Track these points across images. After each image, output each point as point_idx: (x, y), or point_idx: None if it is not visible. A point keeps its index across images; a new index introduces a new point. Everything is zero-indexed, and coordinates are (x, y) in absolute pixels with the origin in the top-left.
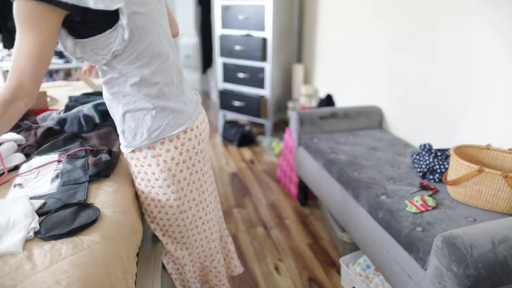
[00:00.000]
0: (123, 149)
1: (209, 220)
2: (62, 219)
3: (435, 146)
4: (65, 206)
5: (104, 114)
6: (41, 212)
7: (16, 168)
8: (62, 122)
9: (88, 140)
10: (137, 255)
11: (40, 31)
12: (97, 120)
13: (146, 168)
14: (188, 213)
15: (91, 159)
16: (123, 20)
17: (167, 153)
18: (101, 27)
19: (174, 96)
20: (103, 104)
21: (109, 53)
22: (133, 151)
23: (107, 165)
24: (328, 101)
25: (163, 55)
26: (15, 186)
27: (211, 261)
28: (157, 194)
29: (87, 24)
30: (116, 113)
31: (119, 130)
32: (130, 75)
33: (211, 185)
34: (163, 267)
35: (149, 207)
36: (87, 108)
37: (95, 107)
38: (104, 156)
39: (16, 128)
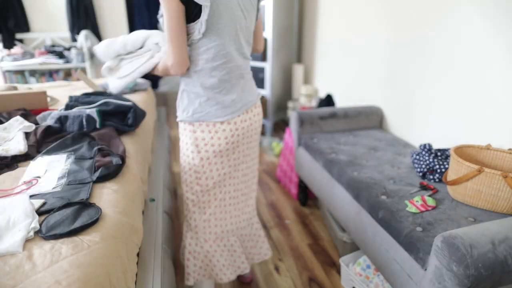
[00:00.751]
0: (177, 114)
1: (224, 200)
2: (63, 218)
3: (435, 146)
4: (67, 205)
5: (106, 115)
6: (42, 211)
7: (16, 166)
8: (63, 120)
9: (96, 140)
10: (137, 255)
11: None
12: (97, 125)
13: (183, 138)
14: (205, 185)
15: (101, 161)
16: (203, 16)
17: (201, 133)
18: (188, 19)
19: (226, 92)
20: (106, 104)
21: (188, 41)
22: (180, 121)
23: (117, 169)
24: (328, 101)
25: (227, 57)
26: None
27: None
28: (184, 161)
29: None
30: (180, 88)
31: (178, 100)
32: (195, 64)
33: (242, 172)
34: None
35: (181, 166)
36: (90, 111)
37: (99, 112)
38: (116, 160)
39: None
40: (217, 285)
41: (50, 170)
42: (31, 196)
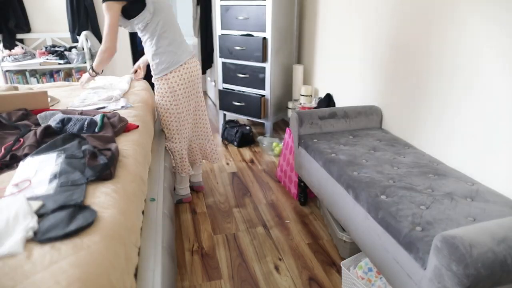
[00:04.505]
0: (153, 77)
1: (186, 123)
2: (58, 221)
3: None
4: (61, 207)
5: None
6: (39, 214)
7: (15, 166)
8: (66, 121)
9: (87, 140)
10: (138, 255)
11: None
12: (97, 129)
13: (160, 91)
14: (179, 116)
15: (89, 161)
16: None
17: (173, 78)
18: (133, 14)
19: (177, 46)
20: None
21: (143, 24)
22: (158, 78)
23: (103, 169)
24: (328, 101)
25: (169, 24)
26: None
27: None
28: (165, 103)
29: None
30: (149, 56)
31: (152, 65)
32: (154, 35)
33: (198, 103)
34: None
35: (161, 112)
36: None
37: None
38: (102, 158)
39: (15, 129)
40: (217, 280)
41: (41, 171)
42: (29, 198)
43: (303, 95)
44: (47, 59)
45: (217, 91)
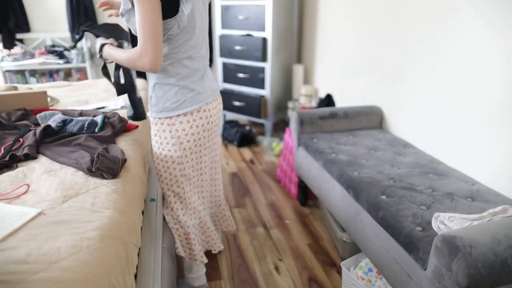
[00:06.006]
0: (149, 113)
1: (201, 185)
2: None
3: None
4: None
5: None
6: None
7: (15, 166)
8: (68, 122)
9: (86, 141)
10: (138, 255)
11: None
12: (97, 129)
13: (161, 133)
14: (188, 174)
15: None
16: (185, 11)
17: (181, 124)
18: (165, 14)
19: (198, 80)
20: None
21: (164, 37)
22: (157, 117)
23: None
24: (328, 101)
25: (197, 47)
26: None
27: (204, 222)
28: (165, 156)
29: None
30: (150, 82)
31: (148, 96)
32: (169, 57)
33: (212, 158)
34: (164, 220)
35: (158, 166)
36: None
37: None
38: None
39: (15, 129)
40: (217, 281)
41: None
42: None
43: (303, 95)
44: (47, 59)
45: None
